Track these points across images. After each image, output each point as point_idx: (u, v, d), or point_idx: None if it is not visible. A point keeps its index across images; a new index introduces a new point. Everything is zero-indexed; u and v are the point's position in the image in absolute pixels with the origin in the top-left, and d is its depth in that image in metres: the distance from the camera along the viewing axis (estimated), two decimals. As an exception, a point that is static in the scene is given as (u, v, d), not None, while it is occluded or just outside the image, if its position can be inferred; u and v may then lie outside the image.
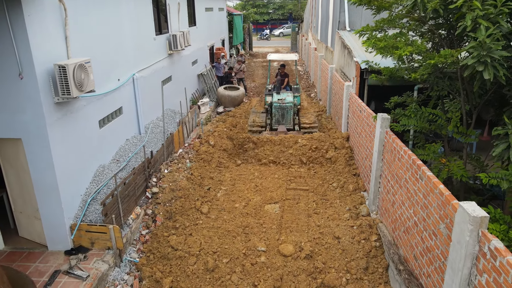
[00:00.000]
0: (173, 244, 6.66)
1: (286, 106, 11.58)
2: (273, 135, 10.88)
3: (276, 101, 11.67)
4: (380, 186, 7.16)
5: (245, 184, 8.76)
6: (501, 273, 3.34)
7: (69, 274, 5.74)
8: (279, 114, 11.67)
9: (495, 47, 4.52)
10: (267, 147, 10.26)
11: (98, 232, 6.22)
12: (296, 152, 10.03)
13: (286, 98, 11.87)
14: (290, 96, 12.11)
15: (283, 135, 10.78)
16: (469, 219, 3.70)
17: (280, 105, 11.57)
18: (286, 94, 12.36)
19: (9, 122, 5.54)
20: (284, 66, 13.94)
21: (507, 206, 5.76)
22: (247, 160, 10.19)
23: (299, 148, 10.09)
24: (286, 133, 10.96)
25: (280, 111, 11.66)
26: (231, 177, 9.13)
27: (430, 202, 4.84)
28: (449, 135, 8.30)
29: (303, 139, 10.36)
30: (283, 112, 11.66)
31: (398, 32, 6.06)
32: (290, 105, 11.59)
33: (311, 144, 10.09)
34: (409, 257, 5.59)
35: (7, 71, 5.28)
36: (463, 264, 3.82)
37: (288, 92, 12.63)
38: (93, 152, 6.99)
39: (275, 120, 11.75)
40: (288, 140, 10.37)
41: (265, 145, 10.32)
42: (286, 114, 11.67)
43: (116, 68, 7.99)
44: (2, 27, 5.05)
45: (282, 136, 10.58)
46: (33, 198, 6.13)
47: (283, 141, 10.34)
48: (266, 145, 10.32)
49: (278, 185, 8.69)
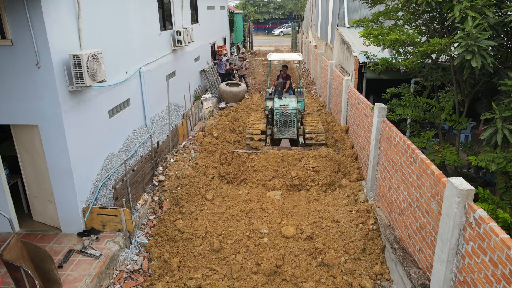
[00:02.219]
0: (179, 228, 6.99)
1: (289, 113, 10.22)
2: (275, 150, 9.59)
3: (278, 108, 10.31)
4: (377, 173, 7.49)
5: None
6: (484, 239, 3.67)
7: (83, 253, 6.08)
8: (281, 122, 10.31)
9: (482, 37, 4.84)
10: (265, 172, 8.93)
11: (109, 215, 6.55)
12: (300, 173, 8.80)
13: (289, 104, 10.57)
14: (294, 102, 10.82)
15: (286, 151, 9.52)
16: (457, 192, 4.03)
17: (283, 112, 10.21)
18: (289, 99, 11.04)
19: (26, 109, 5.87)
20: (286, 67, 12.43)
21: (497, 189, 6.08)
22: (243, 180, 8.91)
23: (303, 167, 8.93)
24: (290, 149, 9.68)
25: (282, 119, 10.29)
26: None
27: (423, 183, 5.17)
28: (446, 128, 8.64)
29: (309, 157, 9.12)
30: (285, 120, 10.30)
31: (393, 24, 6.39)
32: (293, 112, 10.22)
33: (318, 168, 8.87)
34: (403, 237, 5.92)
35: (25, 61, 5.60)
36: (451, 234, 4.15)
37: (291, 97, 11.27)
38: (103, 141, 7.31)
39: (277, 129, 10.41)
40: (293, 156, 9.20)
41: (263, 170, 8.99)
42: (289, 122, 10.32)
43: (123, 61, 8.31)
44: (22, 19, 5.38)
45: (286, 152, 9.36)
46: (48, 183, 6.46)
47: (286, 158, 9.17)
48: (264, 169, 8.99)
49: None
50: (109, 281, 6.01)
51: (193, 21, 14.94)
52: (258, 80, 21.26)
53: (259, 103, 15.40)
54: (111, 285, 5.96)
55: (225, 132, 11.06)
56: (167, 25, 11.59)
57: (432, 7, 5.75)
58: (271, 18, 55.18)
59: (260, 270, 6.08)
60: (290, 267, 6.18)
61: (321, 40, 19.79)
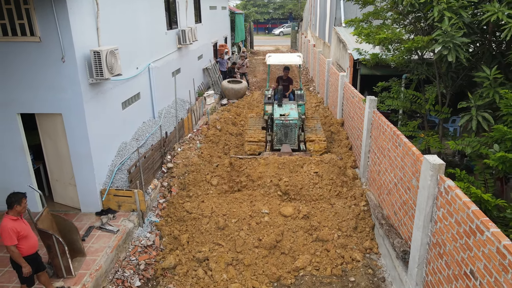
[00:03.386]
0: (187, 209, 7.66)
1: (289, 123, 9.69)
2: (276, 155, 9.14)
3: (278, 118, 9.75)
4: (369, 160, 8.17)
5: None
6: (451, 204, 4.34)
7: (102, 229, 6.75)
8: (282, 133, 9.78)
9: (456, 34, 5.52)
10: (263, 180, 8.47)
11: (124, 196, 7.22)
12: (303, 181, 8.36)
13: (290, 113, 9.93)
14: (294, 110, 10.19)
15: (287, 156, 9.06)
16: (430, 167, 4.70)
17: (283, 122, 9.68)
18: (289, 106, 10.40)
19: (51, 99, 6.54)
20: (288, 69, 11.62)
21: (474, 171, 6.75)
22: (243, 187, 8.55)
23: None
24: (291, 154, 9.15)
25: (282, 130, 9.76)
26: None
27: (406, 163, 5.84)
28: (436, 121, 9.29)
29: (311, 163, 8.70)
30: (286, 131, 9.77)
31: (381, 23, 7.06)
32: (294, 123, 9.68)
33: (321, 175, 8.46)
34: (390, 214, 6.59)
35: (52, 56, 6.28)
36: (426, 203, 4.82)
37: (292, 104, 10.62)
38: (117, 130, 7.98)
39: (277, 139, 9.89)
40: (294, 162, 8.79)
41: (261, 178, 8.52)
42: (290, 133, 9.78)
43: (134, 58, 8.98)
44: (49, 18, 6.05)
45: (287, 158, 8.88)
46: (69, 167, 7.13)
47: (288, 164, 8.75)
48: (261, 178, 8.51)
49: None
50: (126, 254, 6.68)
51: (197, 21, 15.61)
52: (259, 78, 21.97)
53: (259, 99, 16.08)
54: (127, 257, 6.63)
55: (228, 125, 11.74)
56: (173, 25, 12.25)
57: (416, 8, 6.44)
58: (271, 18, 55.85)
59: (261, 245, 6.75)
60: (288, 242, 6.85)
61: (320, 39, 20.47)
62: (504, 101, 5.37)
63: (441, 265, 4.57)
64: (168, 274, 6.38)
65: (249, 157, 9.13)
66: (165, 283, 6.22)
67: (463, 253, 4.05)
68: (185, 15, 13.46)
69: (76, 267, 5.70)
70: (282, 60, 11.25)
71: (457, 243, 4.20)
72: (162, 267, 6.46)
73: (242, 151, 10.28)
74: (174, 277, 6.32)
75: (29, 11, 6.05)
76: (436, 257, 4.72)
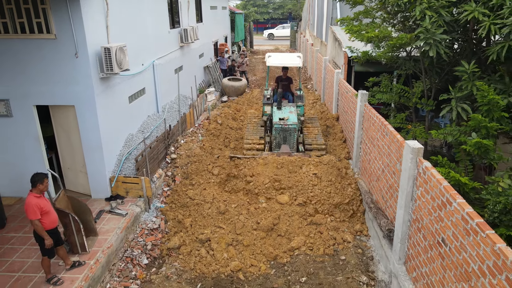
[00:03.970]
0: (190, 196, 8.19)
1: (288, 128, 9.61)
2: (275, 156, 9.07)
3: (277, 122, 9.67)
4: (361, 151, 8.69)
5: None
6: (428, 182, 4.87)
7: (111, 212, 7.28)
8: (281, 137, 9.72)
9: (437, 32, 6.05)
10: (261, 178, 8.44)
11: (132, 183, 7.75)
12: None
13: (290, 117, 9.83)
14: (294, 113, 10.07)
15: (286, 156, 9.03)
16: (410, 150, 5.23)
17: (282, 126, 9.61)
18: (288, 109, 10.27)
19: (65, 92, 7.07)
20: (287, 68, 11.40)
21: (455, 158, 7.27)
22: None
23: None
24: (290, 155, 9.13)
25: (281, 134, 9.69)
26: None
27: (392, 150, 6.37)
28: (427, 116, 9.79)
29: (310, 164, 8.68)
30: (285, 135, 9.71)
31: (370, 22, 7.59)
32: (293, 127, 9.61)
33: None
34: (378, 199, 7.12)
35: (66, 52, 6.80)
36: (407, 183, 5.35)
37: (291, 106, 10.47)
38: (124, 122, 8.50)
39: (276, 143, 9.84)
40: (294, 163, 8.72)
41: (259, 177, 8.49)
42: (289, 137, 9.72)
43: (140, 55, 9.50)
44: (64, 17, 6.58)
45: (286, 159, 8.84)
46: (80, 156, 7.66)
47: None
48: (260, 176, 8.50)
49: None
50: (134, 235, 7.22)
51: (198, 20, 16.13)
52: (258, 77, 22.51)
53: (258, 96, 16.62)
54: (135, 239, 7.17)
55: (228, 120, 12.27)
56: (175, 24, 12.77)
57: (401, 8, 6.98)
58: (271, 18, 56.35)
59: (259, 227, 7.28)
60: (285, 225, 7.38)
61: (317, 38, 21.00)
62: (480, 92, 5.89)
63: (420, 238, 5.09)
64: (173, 253, 6.92)
65: (248, 157, 9.06)
66: (170, 261, 6.75)
67: (437, 225, 4.57)
68: (187, 14, 13.98)
69: (90, 245, 6.23)
70: (282, 62, 11.11)
71: (432, 216, 4.73)
72: (167, 247, 6.99)
73: (242, 144, 10.78)
74: (179, 256, 6.85)
75: (46, 11, 6.58)
76: (415, 231, 5.25)
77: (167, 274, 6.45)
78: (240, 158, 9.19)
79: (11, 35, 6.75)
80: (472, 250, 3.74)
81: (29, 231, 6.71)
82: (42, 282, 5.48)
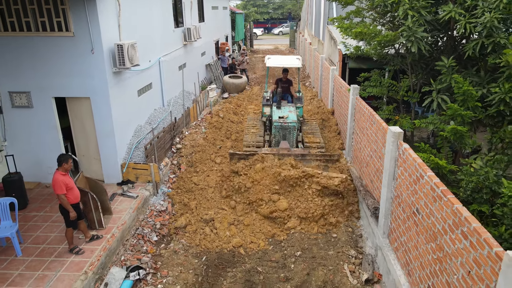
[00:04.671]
0: (195, 181, 8.88)
1: (288, 126, 9.77)
2: (274, 152, 8.92)
3: (277, 120, 9.86)
4: (353, 141, 9.37)
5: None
6: (406, 161, 5.55)
7: (123, 195, 7.96)
8: (280, 135, 9.88)
9: (418, 30, 6.73)
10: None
11: (141, 169, 8.43)
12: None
13: (289, 116, 10.03)
14: (293, 112, 10.30)
15: (285, 152, 8.99)
16: (392, 134, 5.91)
17: (282, 125, 9.79)
18: (288, 109, 10.49)
19: (82, 85, 7.75)
20: (287, 71, 11.49)
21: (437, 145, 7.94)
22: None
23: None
24: (289, 150, 9.15)
25: (281, 132, 9.86)
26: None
27: (378, 137, 7.04)
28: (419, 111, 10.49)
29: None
30: (284, 133, 9.86)
31: (360, 21, 8.29)
32: (293, 125, 9.80)
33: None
34: (367, 183, 7.79)
35: (83, 48, 7.48)
36: (389, 164, 6.03)
37: (290, 106, 10.69)
38: (134, 114, 9.19)
39: (275, 142, 9.95)
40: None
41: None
42: (289, 135, 9.87)
43: (147, 52, 10.18)
44: (81, 17, 7.26)
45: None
46: (94, 144, 8.34)
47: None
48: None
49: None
50: (144, 216, 7.90)
51: (200, 20, 16.82)
52: (258, 75, 23.22)
53: (258, 93, 17.31)
54: (145, 219, 7.85)
55: (229, 114, 12.97)
56: (179, 23, 13.46)
57: (388, 8, 7.66)
58: (271, 18, 57.08)
59: (259, 212, 7.94)
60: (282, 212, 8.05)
61: (315, 38, 21.69)
62: (456, 84, 6.57)
63: (400, 212, 5.77)
64: (180, 232, 7.60)
65: (248, 153, 8.92)
66: (177, 239, 7.44)
67: (412, 197, 5.25)
68: (190, 14, 14.67)
69: (106, 222, 6.90)
70: (282, 63, 11.23)
71: (409, 191, 5.41)
72: (174, 226, 7.68)
73: (242, 136, 11.44)
74: (185, 234, 7.53)
75: (65, 11, 7.26)
76: (396, 206, 5.93)
77: (175, 249, 7.14)
78: (240, 155, 8.90)
79: (33, 33, 7.43)
80: (438, 214, 4.41)
81: (49, 210, 7.41)
82: (65, 252, 6.16)
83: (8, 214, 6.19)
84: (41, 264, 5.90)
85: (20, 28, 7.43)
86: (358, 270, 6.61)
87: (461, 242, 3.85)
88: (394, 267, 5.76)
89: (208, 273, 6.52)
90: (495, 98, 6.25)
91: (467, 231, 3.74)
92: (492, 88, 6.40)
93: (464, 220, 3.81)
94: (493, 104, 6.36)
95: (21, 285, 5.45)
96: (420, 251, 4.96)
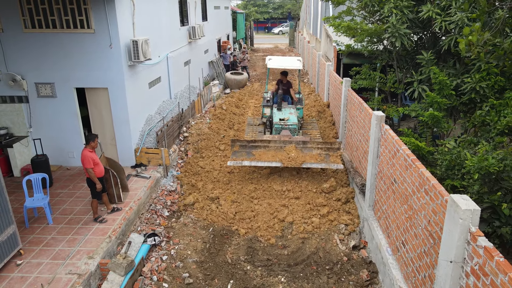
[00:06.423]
0: (201, 165, 9.77)
1: (289, 128, 9.96)
2: (275, 139, 9.29)
3: (277, 122, 10.00)
4: (345, 129, 10.26)
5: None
6: (387, 140, 6.43)
7: (137, 176, 8.84)
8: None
9: (401, 27, 7.62)
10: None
11: (153, 153, 9.31)
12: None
13: (290, 118, 10.17)
14: (293, 114, 10.44)
15: (287, 139, 9.33)
16: (375, 117, 6.80)
17: (282, 127, 9.98)
18: (288, 111, 10.63)
19: (101, 77, 8.63)
20: (287, 73, 11.63)
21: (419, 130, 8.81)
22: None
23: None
24: (291, 138, 9.41)
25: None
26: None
27: (365, 122, 7.92)
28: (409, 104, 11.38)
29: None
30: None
31: (350, 20, 9.19)
32: (293, 128, 9.97)
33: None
34: (357, 165, 8.67)
35: (102, 43, 8.36)
36: (374, 144, 6.91)
37: (291, 108, 10.88)
38: (145, 104, 10.07)
39: None
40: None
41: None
42: None
43: (157, 48, 11.05)
44: (101, 15, 8.14)
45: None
46: (110, 131, 9.22)
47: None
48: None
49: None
50: (156, 195, 8.78)
51: (203, 19, 17.70)
52: (258, 72, 24.12)
53: (259, 89, 18.21)
54: (157, 197, 8.73)
55: (232, 107, 13.86)
56: (185, 22, 14.33)
57: (375, 8, 8.55)
58: (271, 18, 57.98)
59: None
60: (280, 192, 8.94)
61: (313, 36, 22.58)
62: (434, 75, 7.45)
63: (382, 185, 6.66)
64: (188, 208, 8.48)
65: (249, 141, 9.16)
66: (187, 214, 8.32)
67: (391, 170, 6.13)
68: (194, 13, 15.55)
69: (124, 197, 7.79)
70: (283, 64, 11.27)
71: (388, 165, 6.29)
72: (184, 204, 8.56)
73: (244, 126, 12.32)
74: (194, 210, 8.41)
75: (87, 10, 8.14)
76: (379, 181, 6.81)
77: (184, 222, 8.02)
78: (241, 142, 9.19)
79: (58, 29, 8.31)
80: (409, 179, 5.30)
81: (72, 188, 8.30)
82: (90, 221, 7.05)
83: (40, 187, 7.07)
84: (70, 230, 6.79)
85: (46, 25, 8.31)
86: (347, 239, 7.50)
87: (424, 198, 4.74)
88: (377, 232, 6.65)
89: (215, 241, 7.41)
90: (467, 87, 7.14)
91: (428, 188, 4.62)
92: (465, 78, 7.29)
93: (426, 179, 4.69)
94: (466, 92, 7.25)
95: (55, 246, 6.34)
96: (396, 214, 5.85)
